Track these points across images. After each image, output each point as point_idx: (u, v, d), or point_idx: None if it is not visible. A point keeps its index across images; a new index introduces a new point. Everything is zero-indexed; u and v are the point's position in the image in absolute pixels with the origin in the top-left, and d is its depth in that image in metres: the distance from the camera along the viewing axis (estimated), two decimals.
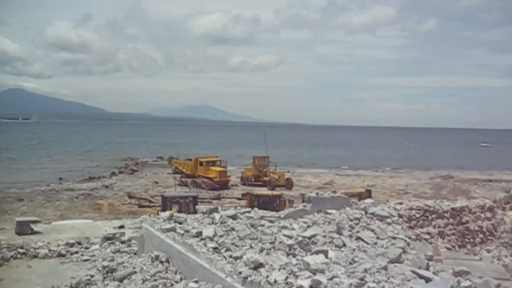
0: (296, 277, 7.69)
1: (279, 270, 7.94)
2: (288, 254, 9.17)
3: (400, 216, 15.38)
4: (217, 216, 11.50)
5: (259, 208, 16.70)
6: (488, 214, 18.20)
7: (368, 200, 13.65)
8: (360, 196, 29.13)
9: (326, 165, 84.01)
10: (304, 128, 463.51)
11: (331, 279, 7.43)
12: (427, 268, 8.95)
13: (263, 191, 40.02)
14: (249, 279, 7.82)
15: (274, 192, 36.20)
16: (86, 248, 14.86)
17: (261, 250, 9.41)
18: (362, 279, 7.61)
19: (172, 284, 9.65)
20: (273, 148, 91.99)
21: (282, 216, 12.04)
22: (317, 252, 8.87)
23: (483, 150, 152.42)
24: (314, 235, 10.16)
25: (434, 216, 16.63)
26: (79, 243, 15.18)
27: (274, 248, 9.61)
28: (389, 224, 12.03)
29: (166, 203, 24.03)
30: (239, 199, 42.68)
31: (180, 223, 11.52)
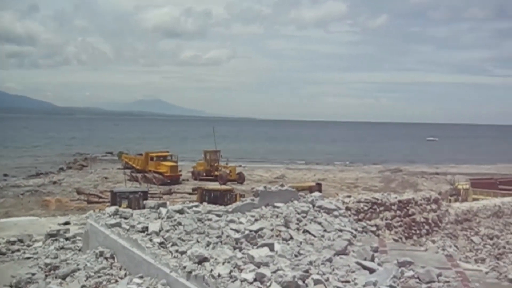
0: (241, 270, 7.62)
1: (223, 264, 7.86)
2: (234, 248, 9.10)
3: (348, 209, 15.58)
4: (163, 210, 11.32)
5: (210, 203, 16.61)
6: (434, 206, 18.64)
7: (316, 194, 13.71)
8: (311, 190, 29.39)
9: (278, 160, 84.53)
10: (257, 122, 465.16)
11: (275, 272, 7.40)
12: (372, 259, 9.08)
13: (214, 185, 39.92)
14: (193, 273, 7.70)
15: (225, 187, 36.22)
16: (29, 245, 14.34)
17: (208, 244, 9.29)
18: (306, 271, 7.63)
19: (116, 280, 9.43)
20: (225, 143, 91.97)
21: (230, 210, 11.96)
22: (263, 246, 8.85)
23: (430, 144, 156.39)
24: (261, 229, 10.13)
25: (381, 208, 16.94)
26: (21, 241, 14.65)
27: (221, 242, 9.52)
28: (336, 216, 12.10)
29: (116, 198, 23.69)
30: (190, 194, 42.40)
31: (125, 218, 11.28)
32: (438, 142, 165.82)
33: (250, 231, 9.85)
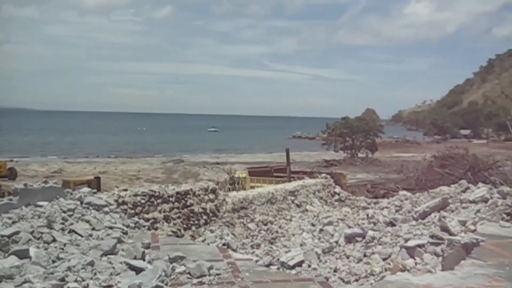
0: None
1: None
2: None
3: (125, 203, 14.83)
4: None
5: None
6: (212, 196, 18.74)
7: (85, 189, 12.69)
8: (89, 184, 28.22)
9: (56, 152, 79.99)
10: (35, 113, 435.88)
11: (20, 285, 6.38)
12: (143, 257, 8.49)
13: None
14: None
15: None
16: None
17: None
18: (62, 279, 6.71)
19: None
20: None
21: None
22: (15, 253, 7.72)
23: (212, 134, 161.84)
24: (16, 233, 8.86)
25: (159, 201, 16.49)
26: None
27: None
28: (106, 213, 11.28)
29: None
30: None
31: None
32: (219, 133, 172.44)
33: (2, 236, 8.58)
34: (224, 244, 14.76)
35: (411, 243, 11.12)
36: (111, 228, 10.39)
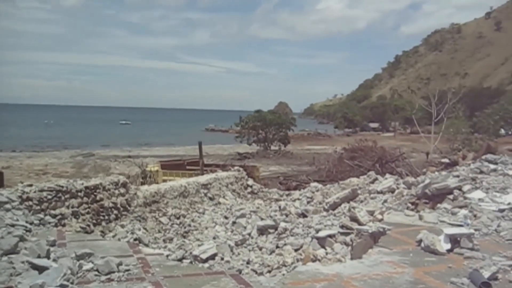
0: None
1: None
2: None
3: (29, 199, 14.15)
4: None
5: None
6: (122, 190, 18.27)
7: None
8: None
9: None
10: None
11: None
12: (48, 256, 8.09)
13: None
14: None
15: None
16: None
17: None
18: None
19: None
20: None
21: None
22: None
23: (123, 127, 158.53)
24: None
25: (67, 196, 15.87)
26: None
27: None
28: (8, 210, 10.69)
29: None
30: None
31: None
32: (131, 126, 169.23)
33: None
34: (135, 239, 14.47)
35: (322, 234, 11.32)
36: (12, 226, 9.83)
